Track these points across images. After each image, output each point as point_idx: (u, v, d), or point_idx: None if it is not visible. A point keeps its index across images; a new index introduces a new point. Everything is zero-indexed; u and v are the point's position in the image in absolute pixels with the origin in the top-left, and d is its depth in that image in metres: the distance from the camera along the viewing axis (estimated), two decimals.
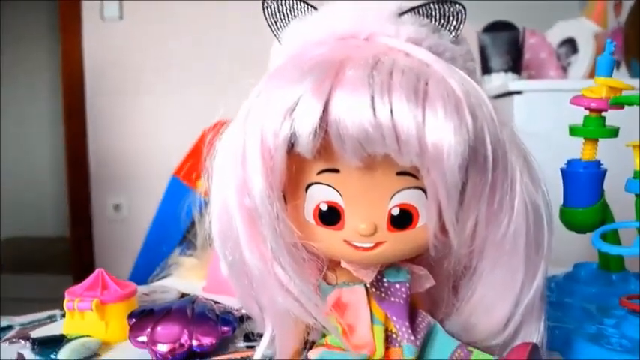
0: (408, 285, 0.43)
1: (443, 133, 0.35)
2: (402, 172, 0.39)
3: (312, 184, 0.40)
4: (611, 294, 0.63)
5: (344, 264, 0.42)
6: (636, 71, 1.51)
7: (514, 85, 1.40)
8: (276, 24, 0.44)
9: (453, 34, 0.42)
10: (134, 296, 0.61)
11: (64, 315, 0.74)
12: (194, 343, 0.51)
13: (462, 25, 0.41)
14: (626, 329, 0.52)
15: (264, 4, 0.43)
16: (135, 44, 2.51)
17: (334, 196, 0.40)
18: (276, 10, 0.43)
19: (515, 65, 1.74)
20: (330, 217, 0.40)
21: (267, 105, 0.38)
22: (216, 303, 0.59)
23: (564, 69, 1.78)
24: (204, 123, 1.79)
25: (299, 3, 0.43)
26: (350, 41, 0.41)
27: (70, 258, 2.66)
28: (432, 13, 0.41)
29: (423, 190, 0.39)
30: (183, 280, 0.81)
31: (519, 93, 1.38)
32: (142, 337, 0.51)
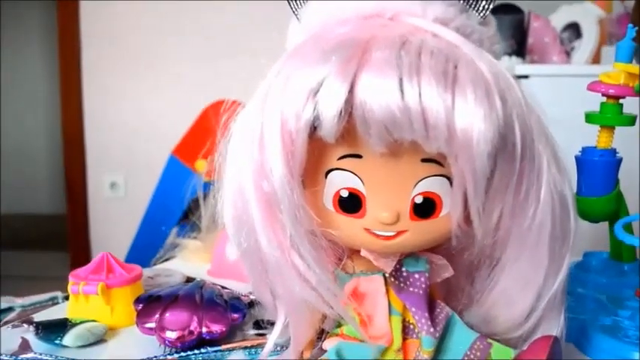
0: (427, 275, 0.42)
1: (473, 118, 0.34)
2: (426, 159, 0.37)
3: (332, 169, 0.39)
4: (624, 285, 0.62)
5: (364, 253, 0.41)
6: None
7: (521, 70, 1.38)
8: (296, 1, 0.42)
9: (481, 15, 0.40)
10: (140, 280, 0.60)
11: (66, 297, 0.73)
12: (204, 330, 0.50)
13: (491, 6, 0.40)
14: None
15: None
16: (132, 21, 2.48)
17: (355, 183, 0.38)
18: None
19: (520, 49, 1.72)
20: (351, 204, 0.39)
21: (288, 86, 0.36)
22: (224, 288, 0.58)
23: (567, 54, 1.77)
24: (201, 100, 1.77)
25: None
26: (375, 20, 0.39)
27: (67, 236, 2.66)
28: None
29: (447, 178, 0.38)
30: (187, 263, 0.80)
31: (526, 77, 1.37)
32: (150, 323, 0.50)
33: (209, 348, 0.50)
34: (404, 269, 0.42)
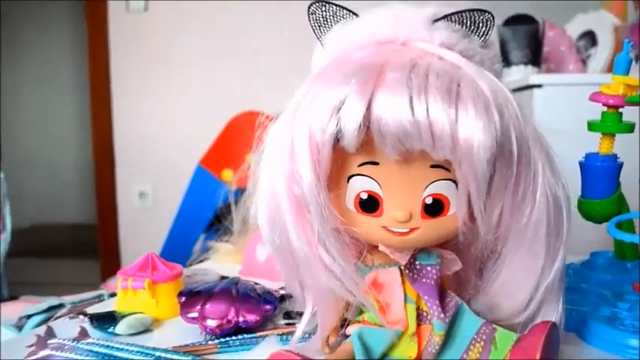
0: (438, 268, 0.48)
1: (473, 130, 0.40)
2: (435, 165, 0.43)
3: (353, 175, 0.45)
4: (626, 281, 0.66)
5: (381, 247, 0.46)
6: None
7: (534, 79, 1.42)
8: (320, 28, 0.48)
9: (482, 39, 0.45)
10: (180, 277, 0.66)
11: (111, 295, 0.80)
12: (240, 319, 0.56)
13: (490, 32, 0.45)
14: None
15: (309, 10, 0.47)
16: (159, 36, 2.56)
17: (374, 186, 0.44)
18: (321, 16, 0.47)
19: (535, 58, 1.76)
20: (370, 205, 0.45)
21: (315, 104, 0.42)
22: (257, 284, 0.64)
23: (584, 62, 1.79)
24: (226, 112, 1.83)
25: (342, 10, 0.47)
26: (388, 46, 0.45)
27: (98, 245, 2.74)
28: (464, 20, 0.45)
29: (453, 182, 0.43)
30: (219, 264, 0.86)
31: (539, 86, 1.41)
32: (193, 313, 0.56)
33: (245, 335, 0.56)
34: (417, 262, 0.48)
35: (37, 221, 4.06)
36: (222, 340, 0.54)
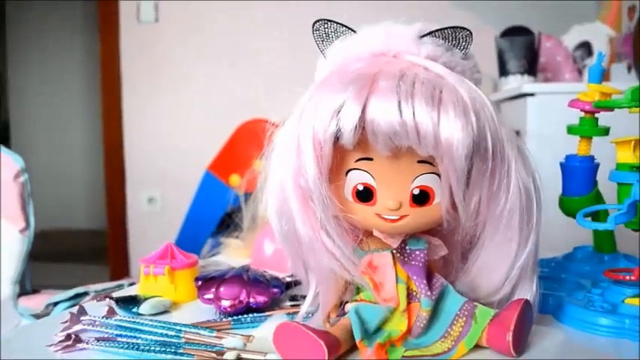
0: (425, 252, 0.54)
1: (453, 130, 0.46)
2: (421, 160, 0.50)
3: (351, 169, 0.52)
4: (602, 271, 0.73)
5: (376, 233, 0.53)
6: None
7: (527, 88, 1.49)
8: (323, 43, 0.55)
9: (462, 52, 0.52)
10: (196, 265, 0.73)
11: (130, 284, 0.87)
12: (251, 300, 0.62)
13: (469, 46, 0.52)
14: (609, 296, 0.62)
15: (314, 27, 0.54)
16: (169, 46, 2.64)
17: (368, 179, 0.51)
18: (324, 32, 0.54)
19: (531, 68, 1.82)
20: (365, 195, 0.51)
21: (318, 108, 0.49)
22: (265, 272, 0.70)
23: (580, 71, 1.86)
24: (233, 119, 1.89)
25: (342, 27, 0.54)
26: (381, 57, 0.52)
27: (107, 249, 2.80)
28: (446, 35, 0.52)
29: (437, 175, 0.50)
30: (229, 259, 0.92)
31: (532, 95, 1.47)
32: (209, 295, 0.63)
33: (255, 314, 0.62)
34: (407, 247, 0.54)
35: (47, 227, 4.13)
36: (235, 318, 0.61)
